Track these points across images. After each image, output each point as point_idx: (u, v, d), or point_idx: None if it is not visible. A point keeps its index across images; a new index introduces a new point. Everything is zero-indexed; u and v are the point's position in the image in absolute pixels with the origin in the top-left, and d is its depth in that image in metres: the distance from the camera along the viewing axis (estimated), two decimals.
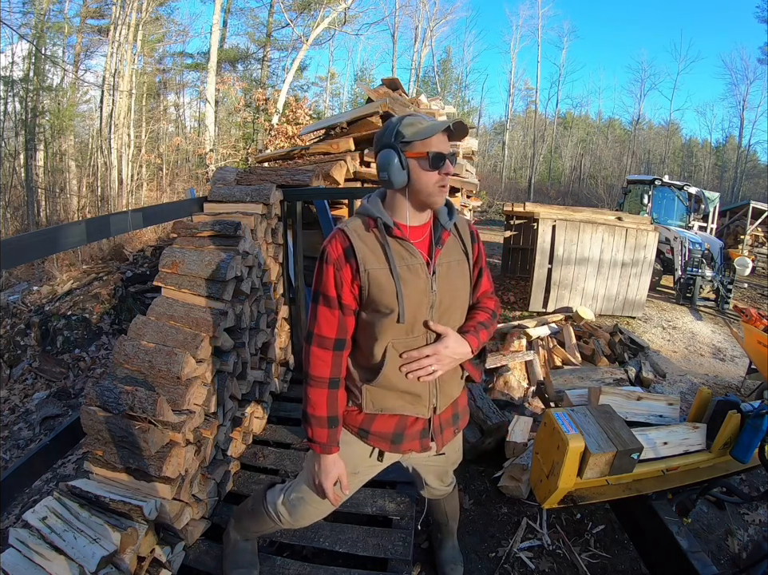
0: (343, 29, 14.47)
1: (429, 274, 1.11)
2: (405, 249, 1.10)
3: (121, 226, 1.87)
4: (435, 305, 1.11)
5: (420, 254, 1.11)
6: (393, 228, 1.09)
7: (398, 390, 1.14)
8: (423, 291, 1.10)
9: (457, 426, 1.29)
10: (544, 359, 3.66)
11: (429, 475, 1.45)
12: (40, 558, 1.29)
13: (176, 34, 15.77)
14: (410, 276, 1.09)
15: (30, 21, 11.20)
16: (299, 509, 1.32)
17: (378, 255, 1.08)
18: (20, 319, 4.13)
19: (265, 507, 1.38)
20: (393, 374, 1.12)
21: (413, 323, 1.10)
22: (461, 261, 1.18)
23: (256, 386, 2.26)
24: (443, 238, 1.14)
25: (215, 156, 10.75)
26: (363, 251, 1.07)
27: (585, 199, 19.00)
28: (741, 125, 23.44)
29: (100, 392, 1.55)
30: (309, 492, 1.27)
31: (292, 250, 2.74)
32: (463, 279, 1.18)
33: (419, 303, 1.09)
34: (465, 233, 1.21)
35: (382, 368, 1.11)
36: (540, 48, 24.38)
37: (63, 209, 10.67)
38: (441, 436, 1.24)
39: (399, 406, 1.16)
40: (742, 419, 1.69)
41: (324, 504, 1.26)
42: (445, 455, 1.35)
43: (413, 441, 1.21)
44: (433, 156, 1.04)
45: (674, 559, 1.53)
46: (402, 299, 1.06)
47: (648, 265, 5.24)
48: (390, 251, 1.08)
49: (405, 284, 1.07)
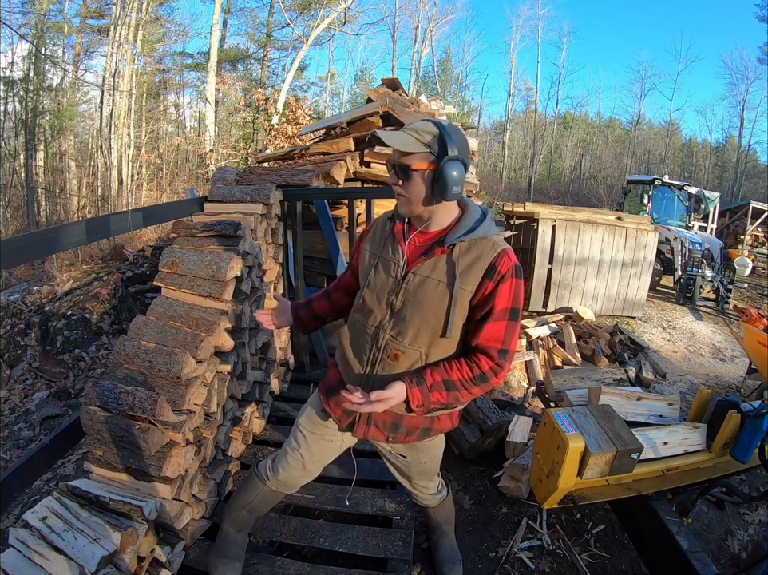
0: (343, 29, 14.47)
1: (400, 277, 1.14)
2: (392, 245, 1.18)
3: (121, 226, 1.87)
4: (394, 309, 1.14)
5: (401, 254, 1.15)
6: (395, 223, 1.19)
7: (343, 355, 1.27)
8: (386, 287, 1.16)
9: (393, 435, 1.23)
10: (544, 359, 3.66)
11: (394, 470, 1.46)
12: (40, 558, 1.29)
13: (176, 34, 15.78)
14: (382, 270, 1.18)
15: (30, 21, 11.19)
16: (281, 461, 1.42)
17: (377, 241, 1.23)
18: (20, 319, 4.13)
19: (256, 471, 1.50)
20: (345, 338, 1.28)
21: (369, 310, 1.19)
22: (443, 285, 1.08)
23: (256, 386, 2.26)
24: (434, 252, 1.10)
25: (215, 156, 10.75)
26: (373, 234, 1.26)
27: (585, 199, 18.98)
28: (741, 125, 23.47)
29: (100, 392, 1.55)
30: (290, 445, 1.41)
31: (292, 250, 2.74)
32: (438, 304, 1.09)
33: (378, 296, 1.17)
34: (474, 262, 1.07)
35: (346, 323, 1.32)
36: (539, 48, 24.37)
37: (63, 209, 10.67)
38: (366, 427, 1.25)
39: (341, 364, 1.30)
40: (742, 419, 1.70)
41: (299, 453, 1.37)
42: (407, 460, 1.38)
43: (337, 407, 1.27)
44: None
45: (674, 559, 1.53)
46: (365, 281, 1.20)
47: (648, 265, 5.24)
48: (384, 242, 1.20)
49: (376, 273, 1.19)
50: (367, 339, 1.19)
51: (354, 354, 1.23)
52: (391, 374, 1.15)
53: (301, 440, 1.38)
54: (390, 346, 1.15)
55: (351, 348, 1.25)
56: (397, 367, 1.15)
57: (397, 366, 1.15)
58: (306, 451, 1.38)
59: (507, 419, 2.52)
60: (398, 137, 1.07)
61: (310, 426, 1.37)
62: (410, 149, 1.06)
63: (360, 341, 1.22)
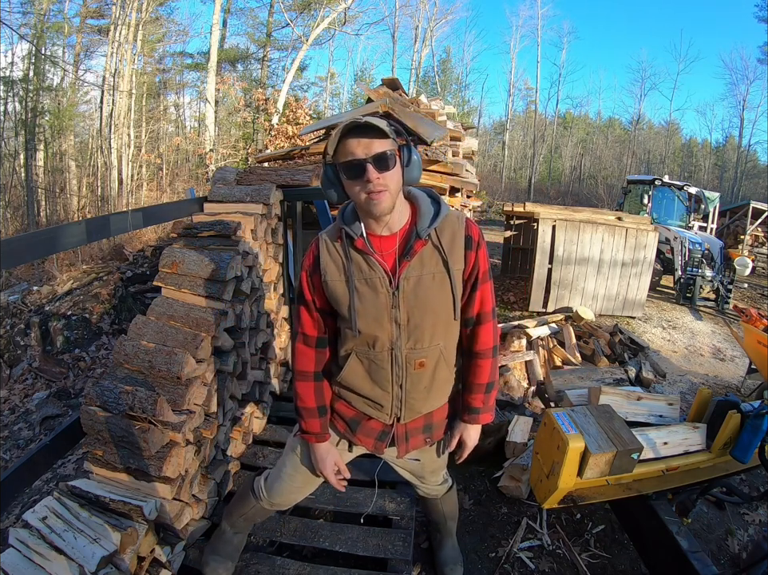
0: (343, 29, 14.48)
1: (392, 289, 1.05)
2: (366, 262, 1.06)
3: (121, 226, 1.87)
4: (401, 322, 1.07)
5: (380, 268, 1.05)
6: (356, 239, 1.06)
7: (360, 394, 1.17)
8: (383, 306, 1.06)
9: (429, 436, 1.25)
10: (544, 359, 3.66)
11: (405, 473, 1.44)
12: (40, 558, 1.29)
13: (176, 34, 15.79)
14: (367, 290, 1.06)
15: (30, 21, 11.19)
16: (275, 486, 1.38)
17: (338, 267, 1.08)
18: (20, 319, 4.13)
19: (251, 486, 1.46)
20: (355, 379, 1.15)
21: (373, 338, 1.09)
22: (438, 274, 1.07)
23: (256, 386, 2.26)
24: (415, 249, 1.04)
25: (215, 156, 10.75)
26: (326, 261, 1.09)
27: (585, 199, 18.98)
28: (741, 125, 23.46)
29: (100, 392, 1.55)
30: (285, 470, 1.35)
31: (292, 250, 2.74)
32: (441, 294, 1.08)
33: (377, 319, 1.07)
34: (453, 240, 1.08)
35: (342, 370, 1.16)
36: (539, 48, 24.37)
37: (63, 209, 10.67)
38: (407, 443, 1.22)
39: (361, 406, 1.20)
40: (742, 419, 1.69)
41: (297, 483, 1.34)
42: (420, 462, 1.35)
43: (367, 437, 1.22)
44: (343, 166, 0.98)
45: (674, 559, 1.53)
46: (354, 312, 1.06)
47: (648, 265, 5.24)
48: (351, 264, 1.06)
49: (361, 298, 1.06)
50: (383, 365, 1.11)
51: (378, 385, 1.14)
52: (421, 381, 1.14)
53: (300, 469, 1.32)
54: (412, 357, 1.11)
55: (369, 382, 1.14)
56: (425, 373, 1.14)
57: (424, 372, 1.14)
58: (304, 476, 1.33)
59: (507, 419, 2.52)
60: (374, 121, 0.95)
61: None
62: (388, 133, 0.96)
63: (375, 370, 1.13)
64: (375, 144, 0.95)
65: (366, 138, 0.95)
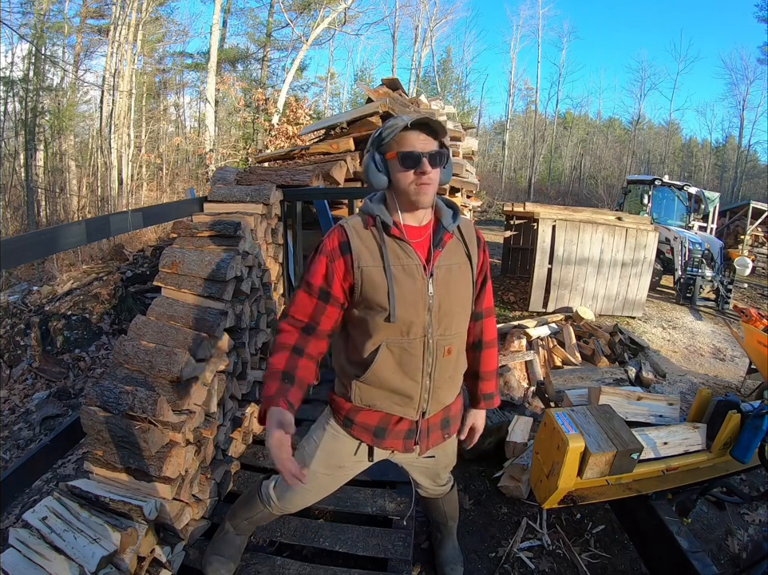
0: (343, 29, 14.48)
1: (426, 276, 1.10)
2: (402, 249, 1.10)
3: (121, 226, 1.87)
4: (433, 309, 1.11)
5: (417, 255, 1.10)
6: (391, 226, 1.09)
7: (389, 389, 1.15)
8: (419, 292, 1.09)
9: (447, 431, 1.28)
10: (544, 359, 3.66)
11: (419, 475, 1.45)
12: (40, 558, 1.29)
13: (176, 34, 15.81)
14: (405, 277, 1.09)
15: (30, 21, 11.20)
16: (286, 496, 1.37)
17: (373, 253, 1.09)
18: (20, 319, 4.13)
19: (259, 492, 1.45)
20: (385, 372, 1.13)
21: (408, 325, 1.10)
22: (463, 265, 1.16)
23: (256, 386, 2.26)
24: (444, 240, 1.12)
25: (215, 156, 10.75)
26: (359, 247, 1.09)
27: (585, 199, 18.97)
28: (741, 125, 23.46)
29: (100, 392, 1.55)
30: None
31: (292, 250, 2.74)
32: (465, 283, 1.17)
33: (414, 305, 1.09)
34: (470, 237, 1.19)
35: (371, 364, 1.11)
36: (540, 48, 24.34)
37: (63, 209, 10.68)
38: (428, 440, 1.24)
39: (387, 406, 1.17)
40: (742, 419, 1.70)
41: (307, 489, 1.31)
42: (435, 458, 1.35)
43: (395, 439, 1.21)
44: (402, 155, 1.04)
45: (675, 559, 1.53)
46: (393, 298, 1.07)
47: (648, 265, 5.24)
48: (386, 250, 1.08)
49: (398, 284, 1.08)
50: (416, 352, 1.12)
51: (408, 376, 1.14)
52: (447, 370, 1.18)
53: (314, 480, 1.29)
54: (441, 344, 1.14)
55: (400, 374, 1.13)
56: (451, 359, 1.18)
57: (451, 358, 1.17)
58: (318, 486, 1.33)
59: (507, 419, 2.52)
60: (437, 123, 1.06)
61: (325, 469, 1.30)
62: (442, 136, 1.08)
63: (408, 360, 1.12)
64: (431, 142, 1.06)
65: (426, 135, 1.05)
